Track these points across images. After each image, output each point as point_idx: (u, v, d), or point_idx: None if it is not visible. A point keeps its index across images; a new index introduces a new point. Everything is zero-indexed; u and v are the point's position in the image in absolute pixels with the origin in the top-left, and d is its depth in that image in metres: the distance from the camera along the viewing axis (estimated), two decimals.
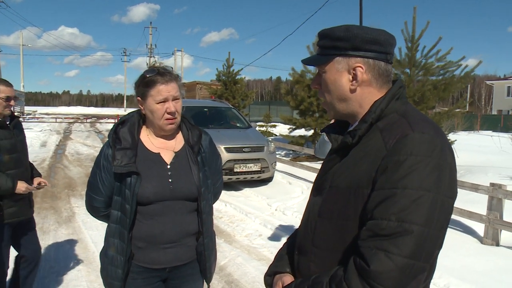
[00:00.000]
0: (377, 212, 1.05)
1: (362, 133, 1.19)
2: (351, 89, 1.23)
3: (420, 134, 1.08)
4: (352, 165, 1.18)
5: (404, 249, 1.00)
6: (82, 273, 4.21)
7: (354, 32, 1.20)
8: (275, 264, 1.45)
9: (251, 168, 8.44)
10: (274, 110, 31.29)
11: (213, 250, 2.15)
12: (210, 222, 2.09)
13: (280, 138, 16.21)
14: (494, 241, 5.17)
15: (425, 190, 1.02)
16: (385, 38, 1.21)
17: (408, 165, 1.04)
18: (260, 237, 5.61)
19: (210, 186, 2.06)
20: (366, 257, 1.03)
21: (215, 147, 2.18)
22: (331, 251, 1.20)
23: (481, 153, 12.43)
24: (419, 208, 1.02)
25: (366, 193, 1.11)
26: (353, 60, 1.21)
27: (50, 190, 8.06)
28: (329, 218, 1.21)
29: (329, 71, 1.25)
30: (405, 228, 1.01)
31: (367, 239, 1.06)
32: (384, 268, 1.01)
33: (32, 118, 35.28)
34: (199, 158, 2.02)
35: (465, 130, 22.91)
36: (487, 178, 7.56)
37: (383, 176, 1.07)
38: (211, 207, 2.10)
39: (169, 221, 1.94)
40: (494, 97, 46.86)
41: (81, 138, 19.72)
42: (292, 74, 13.21)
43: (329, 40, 1.25)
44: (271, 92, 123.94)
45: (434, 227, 1.03)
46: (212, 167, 2.12)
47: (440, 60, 9.99)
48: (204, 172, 2.02)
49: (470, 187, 5.55)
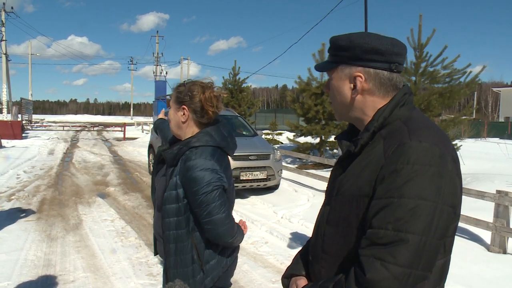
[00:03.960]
0: (375, 221, 1.07)
1: (364, 142, 1.20)
2: (351, 97, 1.25)
3: (418, 143, 1.08)
4: (356, 173, 1.19)
5: (400, 258, 1.02)
6: (89, 280, 4.24)
7: (354, 41, 1.21)
8: (291, 266, 1.48)
9: (257, 176, 8.46)
10: (280, 118, 31.31)
11: (179, 262, 1.97)
12: (174, 243, 1.95)
13: (286, 146, 16.22)
14: (501, 249, 5.14)
15: (422, 199, 1.03)
16: (387, 47, 1.19)
17: (405, 174, 1.05)
18: (266, 244, 5.61)
19: (186, 210, 1.92)
20: (364, 266, 1.05)
21: (194, 181, 1.86)
22: (339, 257, 1.22)
23: (487, 160, 12.36)
24: (416, 217, 1.02)
25: (367, 201, 1.13)
26: (354, 69, 1.23)
27: (57, 198, 8.13)
28: (335, 225, 1.24)
29: (334, 78, 1.29)
30: (401, 238, 1.02)
31: (365, 248, 1.08)
32: (380, 276, 1.02)
33: (39, 126, 35.54)
34: (174, 177, 1.93)
35: (472, 137, 22.79)
36: (493, 186, 7.51)
37: (381, 185, 1.09)
38: (183, 236, 1.93)
39: (155, 217, 2.13)
40: (501, 104, 46.54)
41: (88, 146, 19.85)
42: (299, 82, 13.27)
43: (332, 49, 1.28)
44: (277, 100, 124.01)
45: (432, 236, 1.04)
46: (188, 197, 1.91)
47: (446, 68, 9.99)
48: (175, 193, 1.91)
49: (477, 195, 5.53)
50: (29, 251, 5.04)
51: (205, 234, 1.93)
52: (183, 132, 2.03)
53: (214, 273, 1.99)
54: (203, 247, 1.96)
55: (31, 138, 22.50)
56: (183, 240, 1.93)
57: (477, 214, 5.65)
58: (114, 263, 4.71)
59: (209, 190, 1.85)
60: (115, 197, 8.46)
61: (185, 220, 1.92)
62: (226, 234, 1.92)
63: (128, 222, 6.53)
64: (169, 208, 1.92)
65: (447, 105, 10.22)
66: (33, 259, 4.78)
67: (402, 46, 1.24)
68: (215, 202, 1.86)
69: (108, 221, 6.57)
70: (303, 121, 13.77)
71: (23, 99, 32.10)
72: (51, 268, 4.53)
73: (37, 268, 4.51)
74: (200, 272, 1.95)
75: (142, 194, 8.74)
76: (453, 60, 9.94)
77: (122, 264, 4.70)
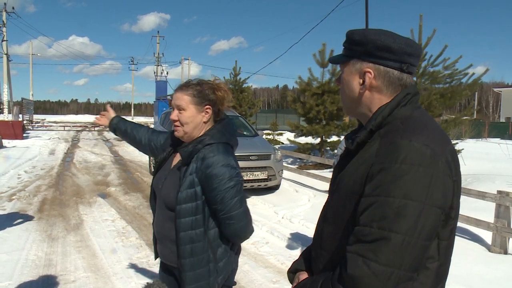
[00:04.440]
0: (362, 218, 1.08)
1: (360, 140, 1.21)
2: (359, 93, 1.25)
3: (407, 142, 1.08)
4: (351, 171, 1.20)
5: (381, 257, 1.02)
6: (90, 280, 4.24)
7: (368, 37, 1.21)
8: (297, 262, 1.50)
9: (258, 176, 8.46)
10: (281, 118, 31.30)
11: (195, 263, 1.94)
12: (190, 243, 1.92)
13: (287, 146, 16.22)
14: (502, 249, 5.14)
15: (409, 199, 1.02)
16: (399, 46, 1.19)
17: (392, 173, 1.05)
18: (267, 244, 5.62)
19: (203, 209, 1.92)
20: (347, 262, 1.07)
21: (215, 177, 1.87)
22: (335, 254, 1.23)
23: (488, 160, 12.35)
24: (401, 217, 1.02)
25: (358, 199, 1.13)
26: (365, 65, 1.23)
27: (58, 198, 8.14)
28: (332, 222, 1.26)
29: (346, 72, 1.29)
30: (384, 236, 1.02)
31: (352, 245, 1.08)
32: (360, 273, 1.03)
33: (40, 126, 35.59)
34: (189, 176, 1.91)
35: (473, 138, 22.75)
36: (494, 186, 7.51)
37: (370, 183, 1.09)
38: (199, 235, 1.92)
39: (157, 218, 2.10)
40: (502, 105, 46.50)
41: (89, 146, 19.86)
42: (299, 82, 13.27)
43: (347, 42, 1.28)
44: (278, 100, 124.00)
45: (417, 236, 1.03)
46: (207, 194, 1.91)
47: (447, 68, 9.98)
48: (192, 191, 1.90)
49: (477, 195, 5.53)
50: (30, 251, 5.04)
51: (224, 230, 1.93)
52: (199, 132, 2.01)
53: (225, 271, 2.00)
54: (217, 245, 1.96)
55: (32, 138, 22.51)
56: (199, 240, 1.91)
57: (478, 214, 5.65)
58: (115, 263, 4.72)
59: (231, 185, 1.87)
60: (116, 197, 8.46)
61: (202, 218, 1.91)
62: (245, 228, 1.96)
63: (129, 222, 6.53)
64: (185, 208, 1.89)
65: (448, 106, 10.22)
66: (34, 259, 4.79)
67: (417, 48, 1.23)
68: (236, 197, 1.89)
69: (109, 221, 6.57)
70: (303, 121, 13.78)
71: (24, 99, 32.16)
72: (52, 268, 4.53)
73: (38, 268, 4.51)
74: (215, 271, 1.95)
75: (143, 194, 8.74)
76: (455, 61, 9.93)
77: (123, 264, 4.70)
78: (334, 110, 12.43)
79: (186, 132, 1.99)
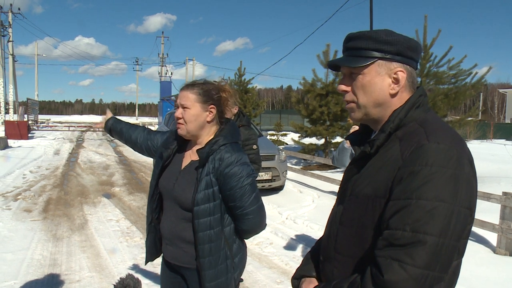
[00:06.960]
0: (393, 222, 1.07)
1: (380, 143, 1.20)
2: (391, 94, 1.22)
3: (436, 145, 1.08)
4: (371, 174, 1.19)
5: (418, 260, 1.02)
6: (95, 280, 4.26)
7: (397, 37, 1.20)
8: (302, 267, 1.48)
9: (262, 176, 8.45)
10: (285, 119, 31.28)
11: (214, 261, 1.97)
12: (208, 243, 1.95)
13: (291, 147, 16.21)
14: (508, 251, 5.11)
15: (440, 201, 1.03)
16: (417, 45, 1.23)
17: (422, 175, 1.05)
18: (271, 245, 5.62)
19: (220, 208, 1.96)
20: (381, 267, 1.05)
21: (234, 175, 1.92)
22: (352, 257, 1.22)
23: (493, 162, 12.28)
24: (434, 219, 1.02)
25: (383, 202, 1.13)
26: (394, 64, 1.21)
27: (63, 198, 8.17)
28: (349, 226, 1.24)
29: (369, 74, 1.22)
30: (419, 239, 1.02)
31: (382, 249, 1.07)
32: (398, 278, 1.02)
33: (45, 127, 35.74)
34: (205, 176, 1.93)
35: (478, 139, 22.67)
36: (499, 187, 7.48)
37: (399, 187, 1.09)
38: (217, 234, 1.95)
39: (167, 219, 2.09)
40: (507, 106, 46.21)
41: (93, 147, 19.92)
42: (303, 83, 13.25)
43: (372, 42, 1.21)
44: (282, 101, 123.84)
45: (449, 237, 1.04)
46: (225, 193, 1.94)
47: (452, 69, 9.95)
48: (210, 191, 1.93)
49: (482, 196, 5.51)
50: (35, 250, 5.07)
51: (241, 225, 1.99)
52: (204, 132, 2.03)
53: (241, 266, 2.06)
54: (232, 242, 2.02)
55: (37, 138, 22.63)
56: (217, 239, 1.95)
57: (483, 216, 5.63)
58: (119, 263, 4.73)
59: (249, 182, 1.94)
60: (120, 197, 8.49)
61: (220, 217, 1.96)
62: (261, 222, 2.02)
63: (133, 222, 6.55)
64: (203, 208, 1.92)
65: (452, 106, 10.19)
66: (39, 258, 4.81)
67: (419, 45, 1.27)
68: (254, 192, 1.96)
69: (113, 221, 6.59)
70: (308, 122, 13.77)
71: (29, 100, 32.28)
72: (57, 268, 4.55)
73: (43, 268, 4.54)
74: (232, 268, 2.00)
75: (147, 194, 8.73)
76: (460, 61, 9.91)
77: (127, 264, 4.72)
78: (338, 111, 12.41)
79: (189, 130, 2.00)
